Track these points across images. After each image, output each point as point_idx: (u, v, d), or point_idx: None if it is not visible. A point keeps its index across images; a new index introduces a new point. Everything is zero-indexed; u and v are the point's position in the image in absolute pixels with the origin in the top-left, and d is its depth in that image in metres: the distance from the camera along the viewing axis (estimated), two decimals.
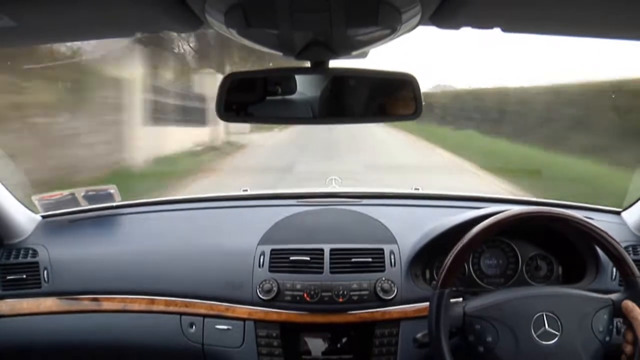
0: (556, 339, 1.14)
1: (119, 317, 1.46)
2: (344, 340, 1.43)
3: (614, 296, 1.18)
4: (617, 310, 1.17)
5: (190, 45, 8.77)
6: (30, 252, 1.53)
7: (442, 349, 1.14)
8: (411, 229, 1.53)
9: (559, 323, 1.15)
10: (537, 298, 1.19)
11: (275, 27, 0.79)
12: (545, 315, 1.15)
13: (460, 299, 1.26)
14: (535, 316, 1.15)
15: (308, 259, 1.44)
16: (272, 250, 1.47)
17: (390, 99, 1.04)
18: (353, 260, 1.44)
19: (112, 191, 1.74)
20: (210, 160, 7.51)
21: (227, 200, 1.80)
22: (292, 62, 0.99)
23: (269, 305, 1.40)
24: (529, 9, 0.78)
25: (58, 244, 1.56)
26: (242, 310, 1.41)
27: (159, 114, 7.16)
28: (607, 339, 1.15)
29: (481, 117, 9.24)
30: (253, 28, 0.78)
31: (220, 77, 0.98)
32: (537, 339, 1.14)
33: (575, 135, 6.56)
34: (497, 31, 0.85)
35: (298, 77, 1.04)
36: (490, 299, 1.21)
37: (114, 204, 1.72)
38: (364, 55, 1.00)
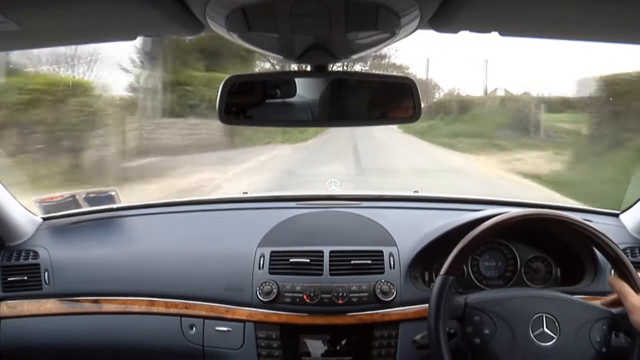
0: (553, 341, 1.14)
1: (119, 318, 1.46)
2: (343, 341, 1.44)
3: (615, 310, 1.18)
4: (616, 324, 1.17)
5: None
6: (31, 253, 1.53)
7: (440, 335, 1.15)
8: (410, 231, 1.54)
9: (558, 327, 1.15)
10: (539, 299, 1.20)
11: (276, 31, 0.80)
12: (545, 316, 1.16)
13: None
14: (535, 316, 1.16)
15: (308, 261, 1.44)
16: (272, 252, 1.47)
17: (389, 102, 1.05)
18: (352, 262, 1.44)
19: (112, 193, 1.75)
20: None
21: (227, 203, 1.80)
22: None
23: (268, 307, 1.40)
24: (527, 13, 0.79)
25: (59, 246, 1.57)
26: (242, 312, 1.42)
27: None
28: (604, 350, 1.16)
29: None
30: (254, 32, 0.79)
31: None
32: (534, 338, 1.14)
33: None
34: (494, 35, 0.86)
35: (298, 80, 1.05)
36: (492, 294, 1.22)
37: (115, 206, 1.73)
38: (363, 58, 1.01)
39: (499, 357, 1.15)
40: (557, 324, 1.16)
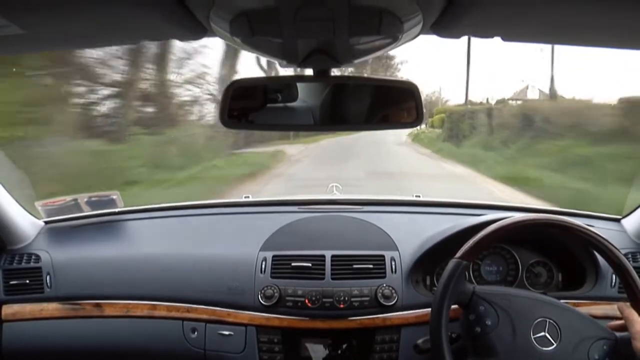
0: (551, 347, 1.14)
1: (121, 322, 1.46)
2: (344, 346, 1.43)
3: (619, 334, 1.18)
4: (618, 347, 1.16)
5: None
6: (33, 257, 1.54)
7: (442, 314, 1.15)
8: (412, 235, 1.54)
9: (559, 335, 1.15)
10: (546, 304, 1.20)
11: (279, 35, 0.80)
12: (549, 322, 1.16)
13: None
14: (539, 319, 1.16)
15: (309, 265, 1.44)
16: (274, 256, 1.47)
17: (391, 106, 1.05)
18: (354, 266, 1.44)
19: (114, 197, 1.75)
20: None
21: (228, 207, 1.81)
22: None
23: (270, 311, 1.40)
24: (529, 18, 0.79)
25: (61, 250, 1.57)
26: (244, 315, 1.42)
27: None
28: None
29: None
30: (257, 37, 0.79)
31: None
32: (534, 341, 1.14)
33: None
34: (497, 40, 0.86)
35: (299, 85, 1.05)
36: (502, 289, 1.23)
37: (117, 209, 1.73)
38: (365, 63, 1.01)
39: (496, 349, 1.15)
40: (559, 331, 1.15)
